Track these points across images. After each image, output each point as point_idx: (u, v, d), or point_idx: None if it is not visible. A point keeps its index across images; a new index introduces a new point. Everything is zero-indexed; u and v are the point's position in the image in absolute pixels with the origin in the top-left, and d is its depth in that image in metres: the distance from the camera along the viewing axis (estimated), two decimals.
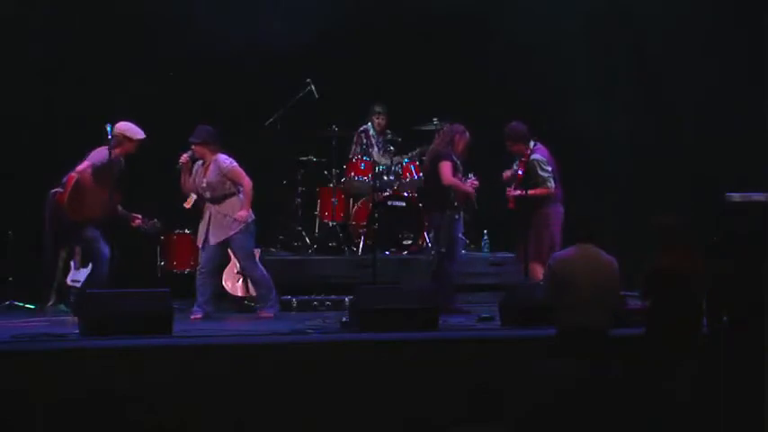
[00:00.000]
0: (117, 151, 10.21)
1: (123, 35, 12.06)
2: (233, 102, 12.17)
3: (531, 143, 10.68)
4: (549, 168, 10.60)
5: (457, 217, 10.83)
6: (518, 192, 10.54)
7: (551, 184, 10.58)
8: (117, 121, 10.09)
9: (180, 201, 10.65)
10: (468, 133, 10.86)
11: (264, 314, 10.49)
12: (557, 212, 10.59)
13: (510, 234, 11.24)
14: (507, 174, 10.80)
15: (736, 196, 10.91)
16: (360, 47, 12.70)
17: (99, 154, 10.18)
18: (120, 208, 10.37)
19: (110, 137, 9.87)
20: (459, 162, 10.86)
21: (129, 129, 10.31)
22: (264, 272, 10.64)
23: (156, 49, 12.14)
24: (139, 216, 10.46)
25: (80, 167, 10.20)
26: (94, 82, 11.89)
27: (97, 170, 10.14)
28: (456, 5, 12.68)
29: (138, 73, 12.06)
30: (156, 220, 10.58)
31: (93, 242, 10.28)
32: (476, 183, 10.98)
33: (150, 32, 12.08)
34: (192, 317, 10.29)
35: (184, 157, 10.43)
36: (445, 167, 10.71)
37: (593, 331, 7.76)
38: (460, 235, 11.02)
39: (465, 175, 11.04)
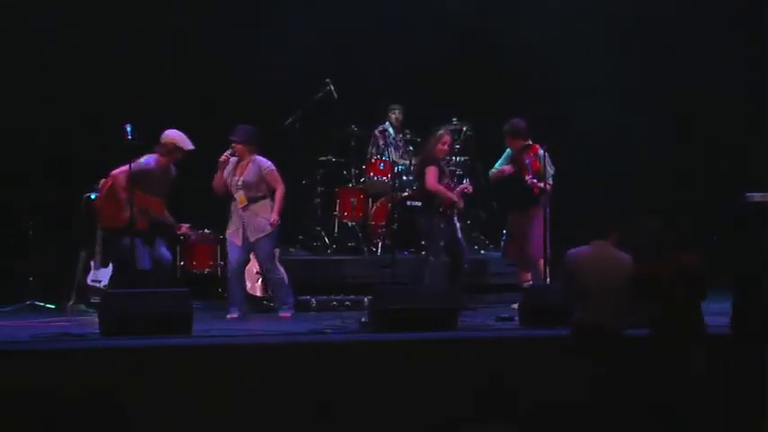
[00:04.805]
0: (165, 159, 10.28)
1: (141, 35, 12.10)
2: (252, 102, 12.18)
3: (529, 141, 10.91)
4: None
5: (442, 226, 10.77)
6: (543, 183, 10.67)
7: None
8: (131, 121, 9.98)
9: (210, 199, 10.66)
10: (447, 137, 10.85)
11: (283, 314, 10.53)
12: None
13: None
14: (507, 169, 10.90)
15: (756, 196, 10.90)
16: (379, 47, 12.69)
17: (142, 159, 10.19)
18: (166, 215, 10.41)
19: (130, 137, 9.85)
20: (445, 168, 10.88)
21: (181, 139, 10.34)
22: (284, 274, 10.69)
23: (172, 50, 12.17)
24: (187, 225, 10.48)
25: (115, 171, 10.21)
26: (111, 83, 11.92)
27: (135, 176, 10.10)
28: (473, 6, 12.68)
29: (156, 74, 12.11)
30: (205, 229, 10.51)
31: (128, 252, 10.14)
32: (469, 188, 11.00)
33: (169, 34, 12.11)
34: (229, 316, 10.40)
35: (225, 155, 10.46)
36: (430, 172, 10.72)
37: (607, 330, 7.73)
38: (459, 236, 10.95)
39: (460, 180, 11.10)
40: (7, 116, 11.51)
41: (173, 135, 10.34)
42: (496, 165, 11.17)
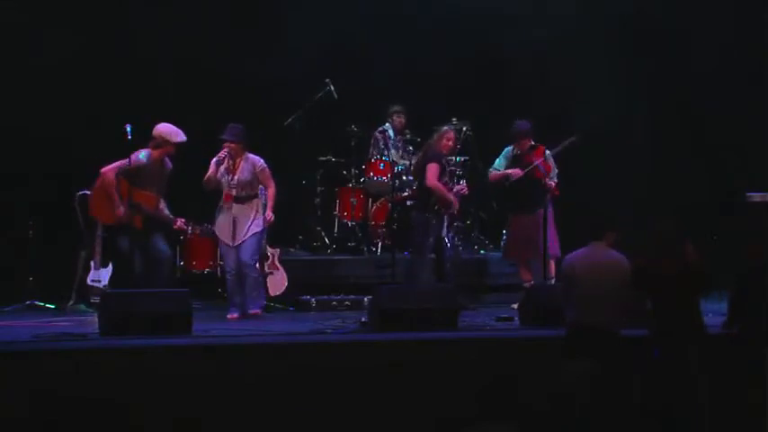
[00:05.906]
0: (157, 153, 10.27)
1: (141, 35, 12.09)
2: (252, 102, 12.18)
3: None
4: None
5: (434, 222, 10.73)
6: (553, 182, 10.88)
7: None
8: (131, 121, 9.97)
9: (200, 196, 10.66)
10: (451, 132, 10.88)
11: (254, 311, 10.46)
12: None
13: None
14: (515, 173, 10.97)
15: (756, 196, 10.89)
16: (379, 47, 12.68)
17: (133, 155, 10.18)
18: (163, 210, 10.40)
19: (129, 137, 9.86)
20: (446, 166, 10.88)
21: (169, 132, 10.32)
22: (260, 275, 10.73)
23: (172, 50, 12.17)
24: (182, 219, 10.44)
25: (105, 168, 10.20)
26: (110, 84, 11.90)
27: (125, 172, 10.10)
28: (473, 5, 12.69)
29: (155, 73, 12.10)
30: (207, 224, 10.50)
31: (126, 251, 10.17)
32: (464, 190, 11.02)
33: (169, 34, 12.10)
34: (229, 316, 10.39)
35: (223, 153, 10.43)
36: (431, 169, 10.71)
37: (603, 331, 7.73)
38: (444, 235, 10.94)
39: (456, 181, 11.12)
40: (7, 116, 11.50)
41: (161, 128, 10.32)
42: (495, 164, 11.19)
